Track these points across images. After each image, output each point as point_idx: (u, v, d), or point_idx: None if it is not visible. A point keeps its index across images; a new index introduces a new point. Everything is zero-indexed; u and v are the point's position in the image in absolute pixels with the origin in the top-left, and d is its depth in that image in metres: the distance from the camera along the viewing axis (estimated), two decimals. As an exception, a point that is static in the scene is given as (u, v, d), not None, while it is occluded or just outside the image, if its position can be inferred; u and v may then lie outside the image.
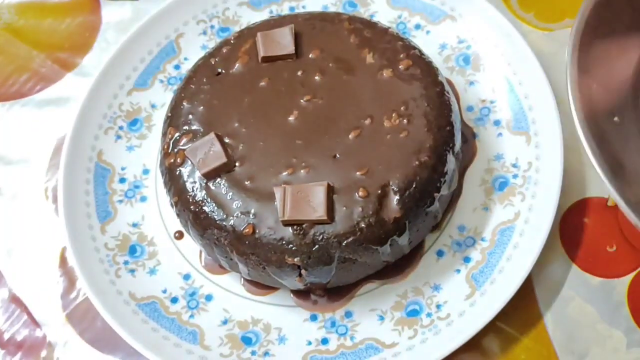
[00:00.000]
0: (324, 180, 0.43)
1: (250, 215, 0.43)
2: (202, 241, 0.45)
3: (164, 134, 0.48)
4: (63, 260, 0.50)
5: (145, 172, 0.52)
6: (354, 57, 0.47)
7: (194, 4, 0.57)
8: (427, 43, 0.52)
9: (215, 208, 0.43)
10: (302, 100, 0.46)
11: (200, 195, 0.44)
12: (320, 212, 0.42)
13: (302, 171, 0.43)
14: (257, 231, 0.43)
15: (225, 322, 0.46)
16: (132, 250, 0.49)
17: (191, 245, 0.48)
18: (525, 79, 0.50)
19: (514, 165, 0.48)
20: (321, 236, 0.42)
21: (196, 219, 0.44)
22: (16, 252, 0.51)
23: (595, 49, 0.40)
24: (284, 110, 0.46)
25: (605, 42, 0.41)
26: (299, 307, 0.46)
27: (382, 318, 0.45)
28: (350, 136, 0.44)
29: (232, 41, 0.50)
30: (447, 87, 0.47)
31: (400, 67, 0.47)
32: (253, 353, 0.45)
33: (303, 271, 0.43)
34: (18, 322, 0.49)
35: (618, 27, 0.41)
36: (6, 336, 0.49)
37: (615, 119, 0.40)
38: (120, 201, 0.51)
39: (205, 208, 0.44)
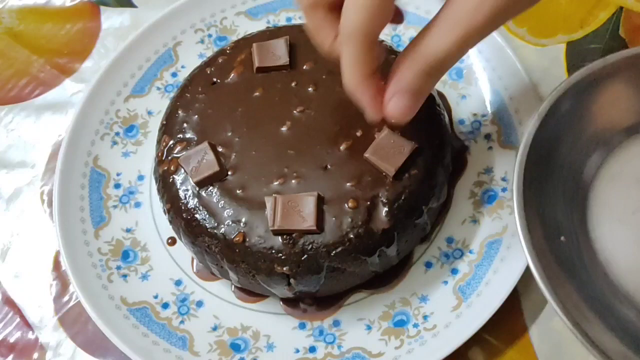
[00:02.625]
0: (314, 191, 0.43)
1: (241, 224, 0.43)
2: (194, 248, 0.46)
3: (159, 142, 0.48)
4: (57, 264, 0.51)
5: (140, 178, 0.52)
6: (347, 70, 0.48)
7: (192, 13, 0.57)
8: (421, 56, 0.53)
9: (207, 216, 0.44)
10: (295, 111, 0.46)
11: (192, 203, 0.45)
12: (309, 222, 0.42)
13: (293, 181, 0.44)
14: (247, 240, 0.43)
15: (215, 329, 0.47)
16: (125, 256, 0.49)
17: (183, 251, 0.49)
18: (516, 94, 0.51)
19: (503, 179, 0.49)
20: (310, 246, 0.42)
21: (188, 226, 0.45)
22: (11, 255, 0.52)
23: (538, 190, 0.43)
24: (277, 121, 0.46)
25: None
26: (288, 315, 0.47)
27: (369, 327, 0.46)
28: (341, 147, 0.45)
29: (227, 51, 0.50)
30: (438, 101, 0.48)
31: (392, 79, 0.47)
32: (241, 360, 0.45)
33: (292, 280, 0.43)
34: (11, 325, 0.49)
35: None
36: (-1, 338, 0.49)
37: (562, 238, 0.43)
38: (115, 206, 0.51)
39: (197, 216, 0.44)
